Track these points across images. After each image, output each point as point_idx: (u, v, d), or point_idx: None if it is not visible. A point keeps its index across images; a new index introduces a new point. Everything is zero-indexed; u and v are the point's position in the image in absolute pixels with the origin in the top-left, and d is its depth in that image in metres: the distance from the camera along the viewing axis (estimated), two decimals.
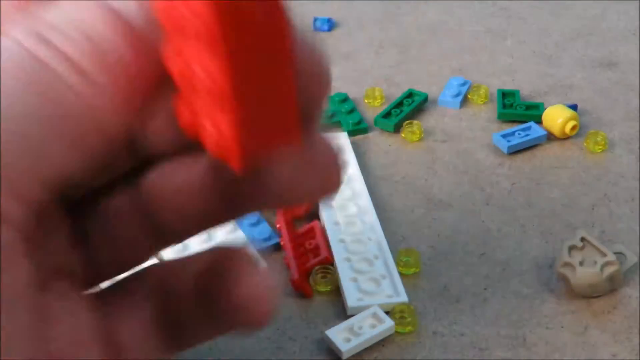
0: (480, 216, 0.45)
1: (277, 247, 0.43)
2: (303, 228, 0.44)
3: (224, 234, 0.43)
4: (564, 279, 0.40)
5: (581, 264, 0.39)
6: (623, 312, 0.39)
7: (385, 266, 0.41)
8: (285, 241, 0.42)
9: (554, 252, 0.43)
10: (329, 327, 0.38)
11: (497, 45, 0.63)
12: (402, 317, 0.38)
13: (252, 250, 0.20)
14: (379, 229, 0.44)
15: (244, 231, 0.44)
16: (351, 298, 0.39)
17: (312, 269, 0.41)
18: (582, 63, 0.60)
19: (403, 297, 0.39)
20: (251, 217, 0.44)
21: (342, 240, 0.43)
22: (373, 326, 0.38)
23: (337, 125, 0.54)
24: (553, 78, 0.59)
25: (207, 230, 0.20)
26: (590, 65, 0.60)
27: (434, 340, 0.38)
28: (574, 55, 0.61)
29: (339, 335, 0.37)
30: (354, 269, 0.41)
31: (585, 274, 0.38)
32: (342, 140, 0.51)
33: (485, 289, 0.41)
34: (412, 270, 0.41)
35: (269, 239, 0.43)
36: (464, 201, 0.47)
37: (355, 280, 0.40)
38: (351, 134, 0.52)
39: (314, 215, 0.45)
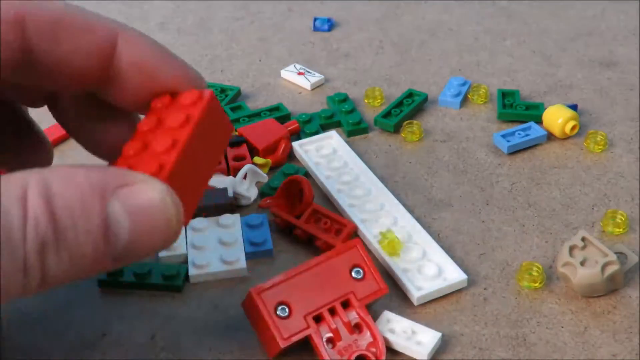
0: (480, 216, 0.45)
1: (269, 253, 0.43)
2: (304, 216, 0.44)
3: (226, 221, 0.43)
4: (564, 278, 0.40)
5: (582, 263, 0.39)
6: (623, 312, 0.39)
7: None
8: (300, 226, 0.43)
9: (554, 252, 0.43)
10: None
11: (497, 45, 0.63)
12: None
13: None
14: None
15: (243, 231, 0.44)
16: None
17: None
18: (582, 63, 0.60)
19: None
20: (255, 219, 0.44)
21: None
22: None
23: (337, 125, 0.54)
24: (553, 78, 0.59)
25: None
26: (590, 65, 0.60)
27: None
28: (574, 55, 0.61)
29: None
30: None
31: (586, 273, 0.38)
32: (334, 139, 0.51)
33: (485, 289, 0.40)
34: None
35: (263, 244, 0.43)
36: (464, 201, 0.47)
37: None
38: (351, 134, 0.52)
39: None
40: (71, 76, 0.31)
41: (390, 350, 0.37)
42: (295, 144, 0.51)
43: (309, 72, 0.59)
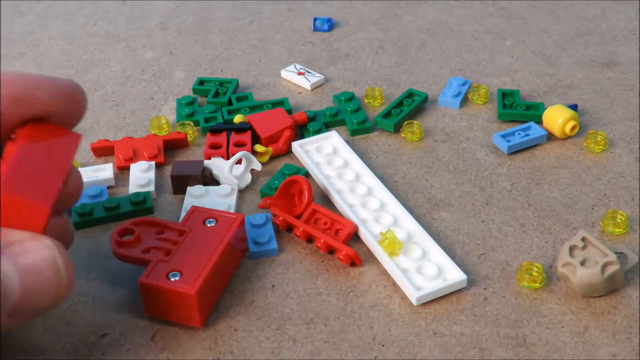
0: (480, 216, 0.45)
1: (274, 252, 0.43)
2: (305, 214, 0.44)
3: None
4: (564, 278, 0.40)
5: (582, 263, 0.39)
6: (623, 312, 0.39)
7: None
8: (299, 227, 0.43)
9: (554, 252, 0.43)
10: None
11: (497, 45, 0.63)
12: None
13: None
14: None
15: (247, 230, 0.44)
16: None
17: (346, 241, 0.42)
18: (582, 63, 0.60)
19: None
20: (258, 218, 0.44)
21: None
22: None
23: (342, 124, 0.54)
24: (553, 78, 0.59)
25: None
26: (590, 65, 0.60)
27: (434, 340, 0.38)
28: (574, 55, 0.61)
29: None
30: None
31: (586, 273, 0.38)
32: (334, 139, 0.51)
33: (485, 289, 0.40)
34: None
35: (267, 242, 0.43)
36: (464, 201, 0.47)
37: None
38: (355, 132, 0.52)
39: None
40: None
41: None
42: (295, 144, 0.51)
43: (309, 72, 0.59)
